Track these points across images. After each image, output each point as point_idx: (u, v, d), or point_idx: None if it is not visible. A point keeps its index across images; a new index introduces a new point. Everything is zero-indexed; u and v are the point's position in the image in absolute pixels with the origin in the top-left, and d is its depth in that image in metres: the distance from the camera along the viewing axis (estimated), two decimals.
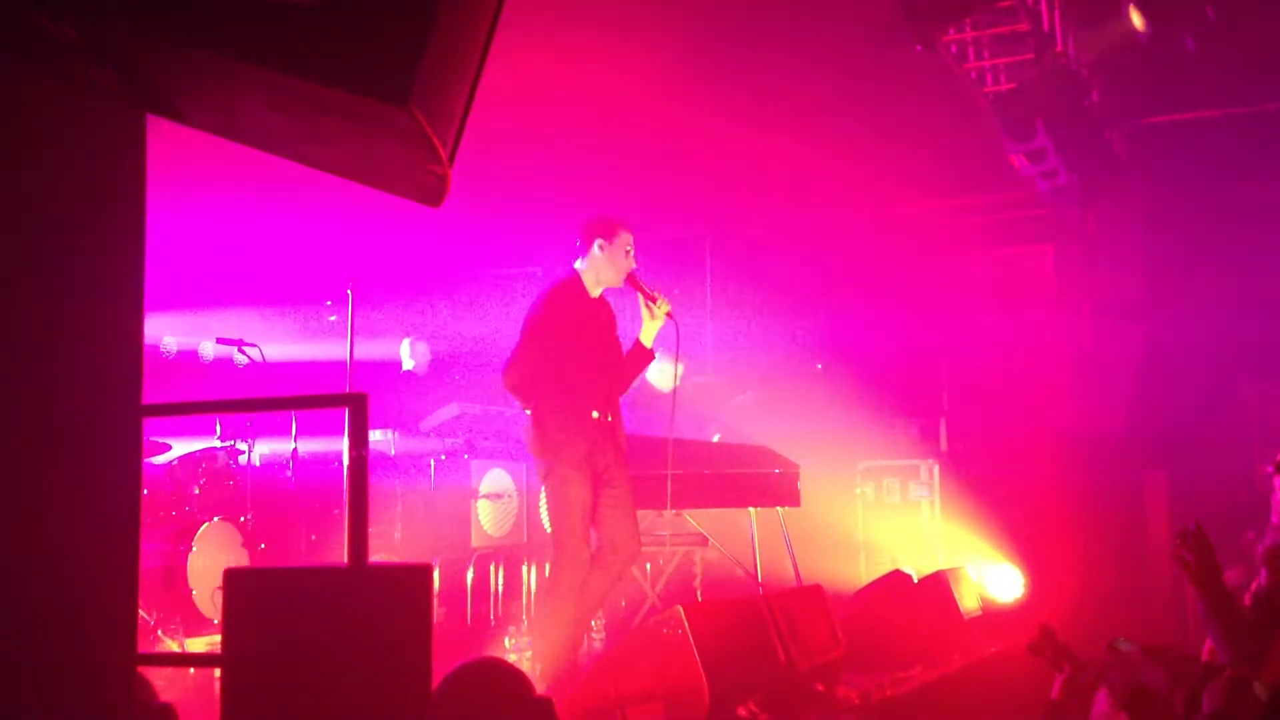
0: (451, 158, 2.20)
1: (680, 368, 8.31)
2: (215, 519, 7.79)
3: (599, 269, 6.19)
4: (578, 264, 6.26)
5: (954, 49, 7.97)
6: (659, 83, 9.05)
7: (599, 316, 6.27)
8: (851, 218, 11.35)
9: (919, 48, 7.13)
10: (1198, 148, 9.80)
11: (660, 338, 6.43)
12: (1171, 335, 10.11)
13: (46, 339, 2.31)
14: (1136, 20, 7.27)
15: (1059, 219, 10.29)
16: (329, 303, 9.68)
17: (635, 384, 6.51)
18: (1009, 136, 8.76)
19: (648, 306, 6.21)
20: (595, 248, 6.17)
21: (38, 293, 2.30)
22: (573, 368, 6.04)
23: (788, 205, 11.47)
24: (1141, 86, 8.49)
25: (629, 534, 6.14)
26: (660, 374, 9.16)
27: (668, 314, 6.17)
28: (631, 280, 6.18)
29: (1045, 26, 7.91)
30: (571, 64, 8.82)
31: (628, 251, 6.19)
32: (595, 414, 6.07)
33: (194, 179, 8.50)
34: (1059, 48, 7.97)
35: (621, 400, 6.37)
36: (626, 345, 6.40)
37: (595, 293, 6.25)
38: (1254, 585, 4.61)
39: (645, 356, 6.30)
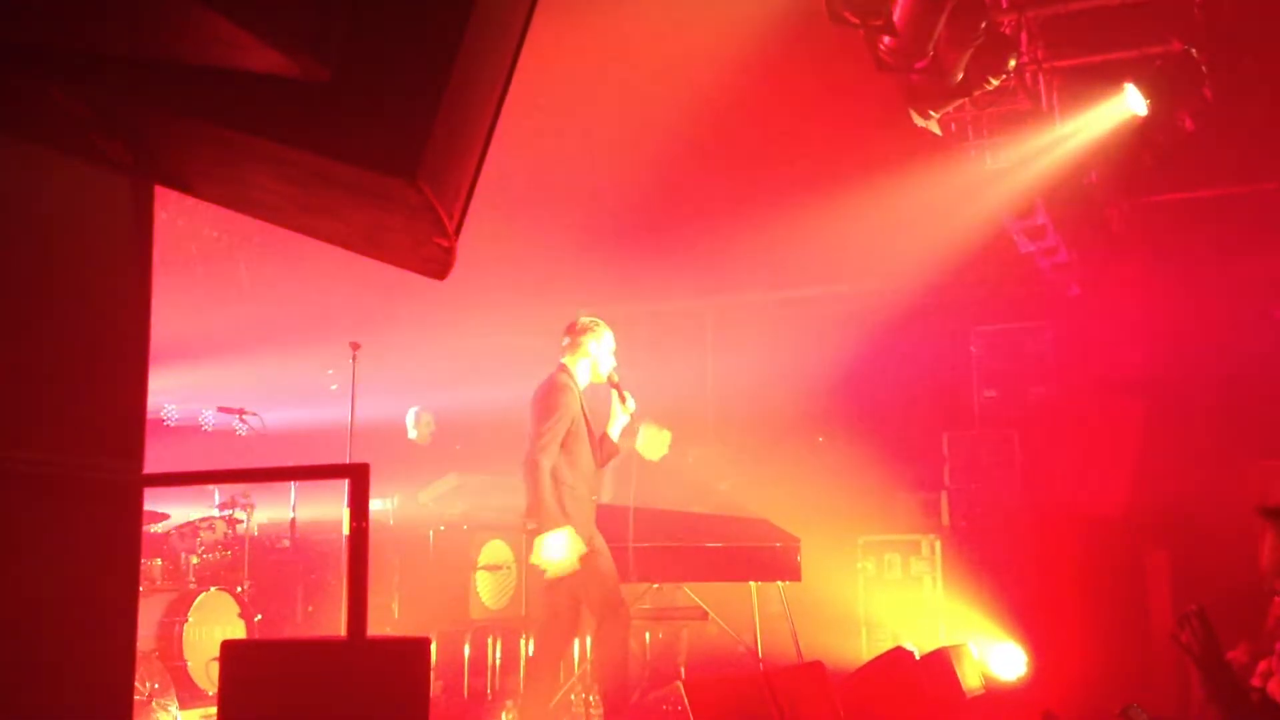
0: (457, 231, 2.22)
1: (668, 434, 8.72)
2: (212, 589, 7.74)
3: (589, 367, 6.64)
4: (566, 359, 6.65)
5: (953, 127, 8.05)
6: (665, 155, 9.13)
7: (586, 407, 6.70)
8: (853, 292, 11.39)
9: (918, 125, 7.20)
10: (1196, 225, 9.86)
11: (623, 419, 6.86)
12: (1172, 412, 10.09)
13: (50, 405, 2.31)
14: (1135, 101, 7.35)
15: (1058, 295, 10.33)
16: (330, 371, 9.71)
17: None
18: (1009, 214, 8.82)
19: (621, 403, 6.67)
20: (587, 347, 6.61)
21: (44, 359, 2.31)
22: (572, 451, 6.51)
23: (790, 279, 11.52)
24: (1140, 165, 8.55)
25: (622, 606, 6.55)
26: (653, 444, 9.24)
27: (631, 414, 6.71)
28: (610, 380, 6.64)
29: (1044, 106, 7.99)
30: (578, 138, 8.92)
31: (612, 349, 6.66)
32: (595, 499, 6.64)
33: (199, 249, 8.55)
34: (1058, 126, 8.06)
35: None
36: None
37: (581, 385, 6.65)
38: (1262, 666, 4.56)
39: (611, 450, 6.78)
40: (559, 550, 6.23)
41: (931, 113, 7.05)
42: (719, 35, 7.73)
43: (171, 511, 8.35)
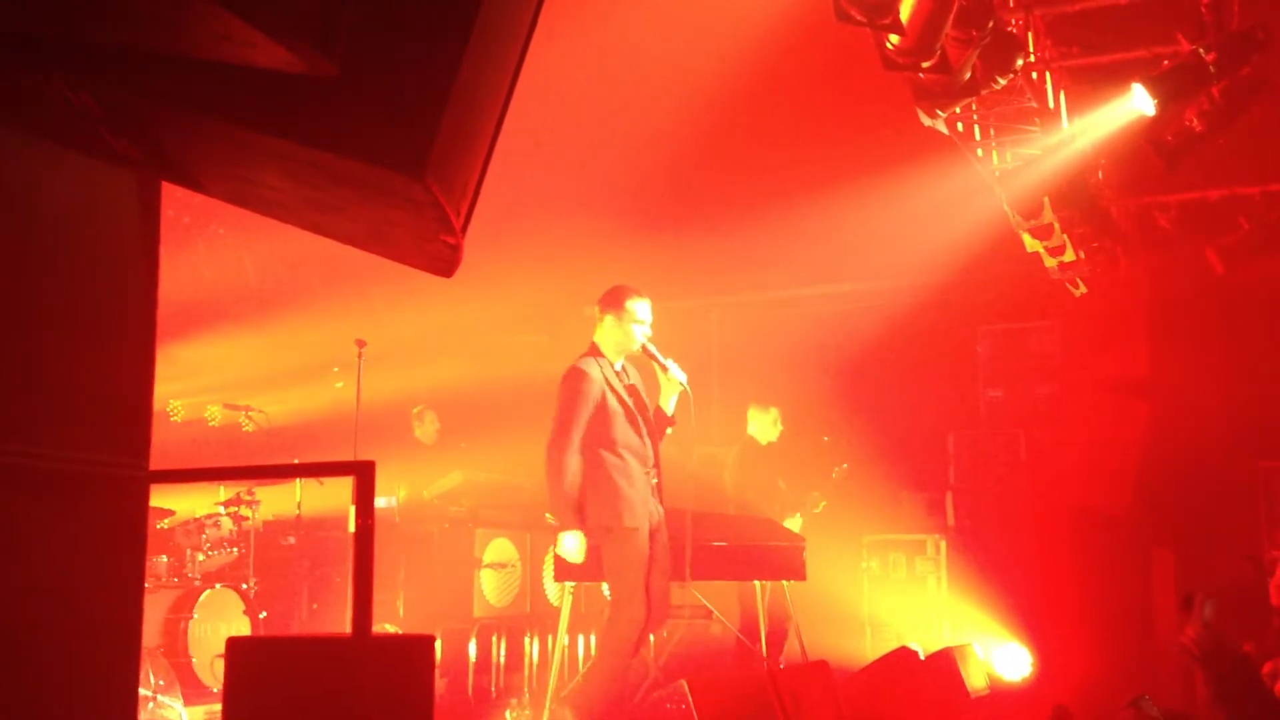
0: (464, 228, 2.22)
1: (775, 411, 9.09)
2: (217, 586, 7.75)
3: (616, 339, 6.34)
4: (596, 336, 6.41)
5: (961, 126, 8.04)
6: (671, 153, 9.13)
7: (623, 381, 6.40)
8: (859, 291, 11.38)
9: (926, 124, 7.19)
10: (1204, 226, 9.84)
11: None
12: (1178, 412, 10.08)
13: (56, 401, 2.31)
14: (1143, 100, 7.33)
15: (1065, 295, 10.32)
16: (335, 369, 9.71)
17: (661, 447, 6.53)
18: (1016, 213, 8.80)
19: (662, 372, 6.38)
20: (609, 320, 6.34)
21: (50, 355, 2.31)
22: (610, 431, 6.24)
23: (795, 278, 11.52)
24: (1147, 165, 8.54)
25: (662, 596, 6.30)
26: (760, 425, 9.26)
27: (681, 385, 6.32)
28: (645, 349, 6.32)
29: (1052, 105, 7.98)
30: (584, 135, 8.91)
31: (640, 320, 6.31)
32: (649, 474, 6.29)
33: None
34: (1065, 126, 8.06)
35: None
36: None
37: (616, 360, 6.39)
38: (1268, 667, 4.53)
39: (664, 421, 6.44)
40: (571, 552, 6.13)
41: (939, 112, 7.03)
42: (726, 34, 7.72)
43: (176, 507, 8.35)
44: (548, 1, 2.32)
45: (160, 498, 8.02)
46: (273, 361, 10.51)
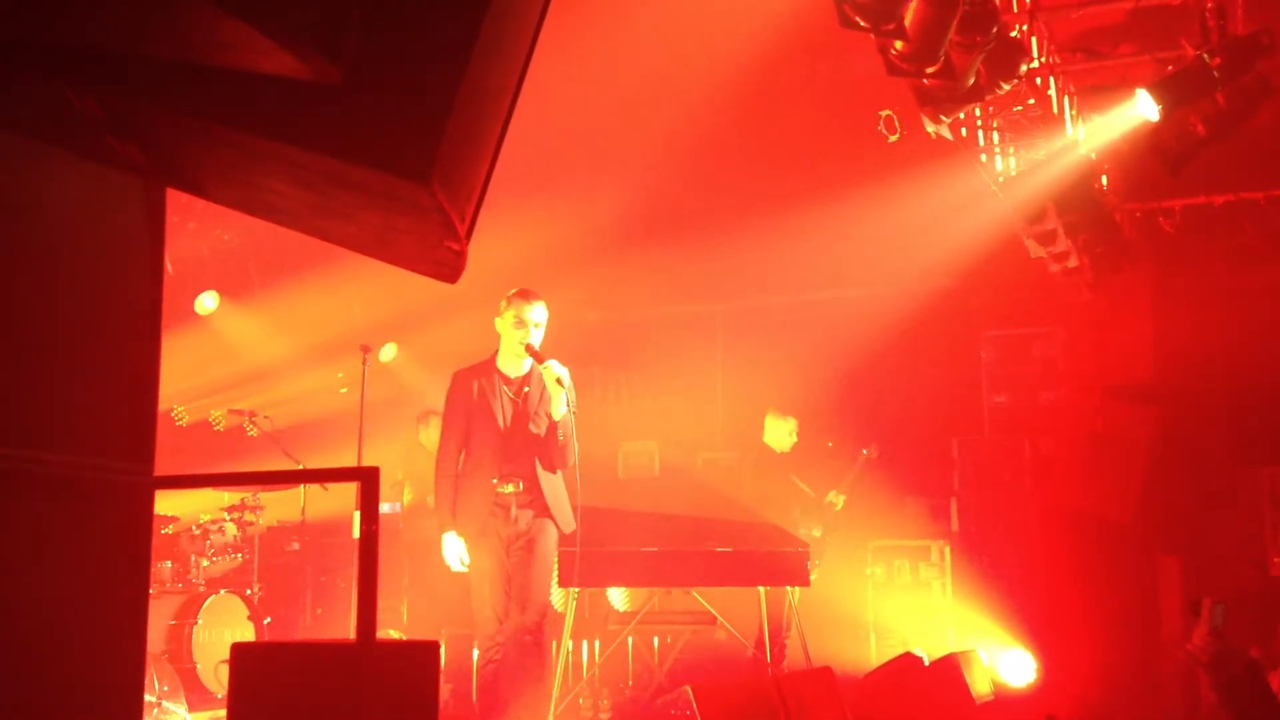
0: (468, 234, 2.22)
1: (793, 422, 9.08)
2: (221, 591, 7.75)
3: (504, 341, 6.26)
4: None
5: (964, 132, 8.04)
6: (675, 159, 9.13)
7: (500, 389, 6.25)
8: (863, 296, 11.38)
9: (930, 130, 7.19)
10: (1208, 231, 9.84)
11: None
12: (1182, 418, 10.07)
13: (61, 407, 2.32)
14: (1147, 106, 7.32)
15: (1069, 301, 10.31)
16: (340, 375, 9.71)
17: (567, 451, 6.23)
18: (1020, 219, 8.80)
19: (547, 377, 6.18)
20: (498, 322, 6.25)
21: (54, 360, 2.31)
22: (469, 441, 6.20)
23: (800, 284, 11.51)
24: (1152, 170, 8.53)
25: (528, 597, 6.14)
26: (776, 434, 9.22)
27: (557, 380, 6.06)
28: (528, 348, 6.17)
29: (1056, 111, 7.98)
30: (588, 142, 8.92)
31: (519, 323, 6.15)
32: (495, 482, 6.13)
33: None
34: (1069, 131, 8.06)
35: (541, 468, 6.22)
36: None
37: (509, 365, 6.28)
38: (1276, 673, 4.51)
39: (551, 428, 6.21)
40: (444, 552, 6.12)
41: (943, 118, 7.03)
42: (731, 40, 7.73)
43: (180, 514, 8.36)
44: (553, 8, 2.32)
45: (164, 503, 8.03)
46: (275, 362, 10.52)
